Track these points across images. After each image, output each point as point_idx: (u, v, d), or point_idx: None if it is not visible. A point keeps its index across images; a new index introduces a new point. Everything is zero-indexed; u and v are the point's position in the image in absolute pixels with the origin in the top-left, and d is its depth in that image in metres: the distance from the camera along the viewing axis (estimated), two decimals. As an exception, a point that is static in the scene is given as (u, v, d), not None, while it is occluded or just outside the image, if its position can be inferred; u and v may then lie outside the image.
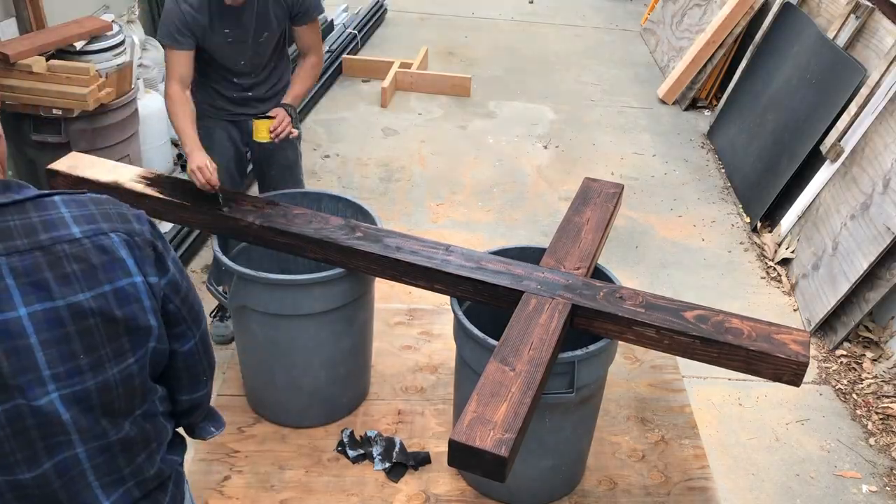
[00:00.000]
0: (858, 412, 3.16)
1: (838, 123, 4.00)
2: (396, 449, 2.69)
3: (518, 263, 2.36)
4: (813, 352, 3.49)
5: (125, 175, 2.77)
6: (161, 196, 2.65)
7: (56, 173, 2.74)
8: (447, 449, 1.78)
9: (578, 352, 2.15)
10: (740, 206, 4.68)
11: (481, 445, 1.73)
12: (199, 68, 2.92)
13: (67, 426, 1.16)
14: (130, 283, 1.18)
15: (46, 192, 1.17)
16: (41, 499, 1.19)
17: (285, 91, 3.02)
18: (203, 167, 2.58)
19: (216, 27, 2.80)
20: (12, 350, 1.08)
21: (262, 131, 2.82)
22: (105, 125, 3.58)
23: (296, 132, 2.85)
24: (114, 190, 2.71)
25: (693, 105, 6.08)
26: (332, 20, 6.78)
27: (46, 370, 1.11)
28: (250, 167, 3.57)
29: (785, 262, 4.08)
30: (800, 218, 4.13)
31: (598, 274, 2.50)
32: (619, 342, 2.29)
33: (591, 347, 2.17)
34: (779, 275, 4.02)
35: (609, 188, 2.87)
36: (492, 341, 2.13)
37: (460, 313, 2.28)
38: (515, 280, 2.27)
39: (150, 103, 4.21)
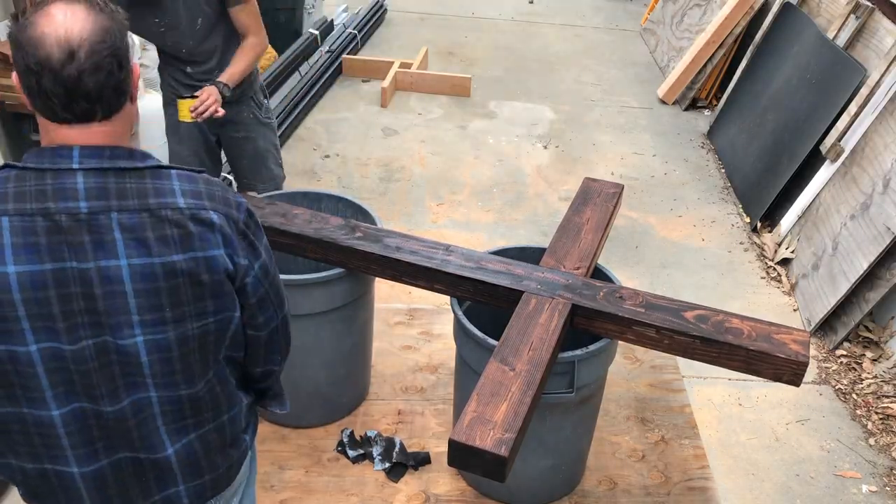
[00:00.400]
0: (858, 412, 3.16)
1: (838, 123, 4.00)
2: (396, 449, 2.69)
3: (518, 263, 2.35)
4: (813, 352, 3.49)
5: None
6: None
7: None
8: (447, 449, 1.78)
9: (578, 351, 2.15)
10: (740, 206, 4.68)
11: (481, 445, 1.73)
12: (160, 57, 2.95)
13: (144, 368, 1.30)
14: (220, 254, 1.31)
15: (167, 164, 1.31)
16: (118, 432, 1.34)
17: (246, 79, 2.95)
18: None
19: (144, 15, 2.71)
20: (110, 293, 1.23)
21: (183, 111, 2.74)
22: (105, 125, 3.58)
23: (221, 112, 2.72)
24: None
25: (693, 105, 6.08)
26: (332, 20, 6.78)
27: (136, 315, 1.25)
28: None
29: (785, 262, 4.08)
30: (800, 218, 4.13)
31: (598, 274, 2.50)
32: (619, 342, 2.29)
33: (591, 347, 2.17)
34: (779, 275, 4.02)
35: (609, 188, 2.87)
36: (492, 341, 2.13)
37: (460, 313, 2.28)
38: (515, 280, 2.27)
39: (149, 103, 4.21)
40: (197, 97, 2.73)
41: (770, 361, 2.04)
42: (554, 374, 2.14)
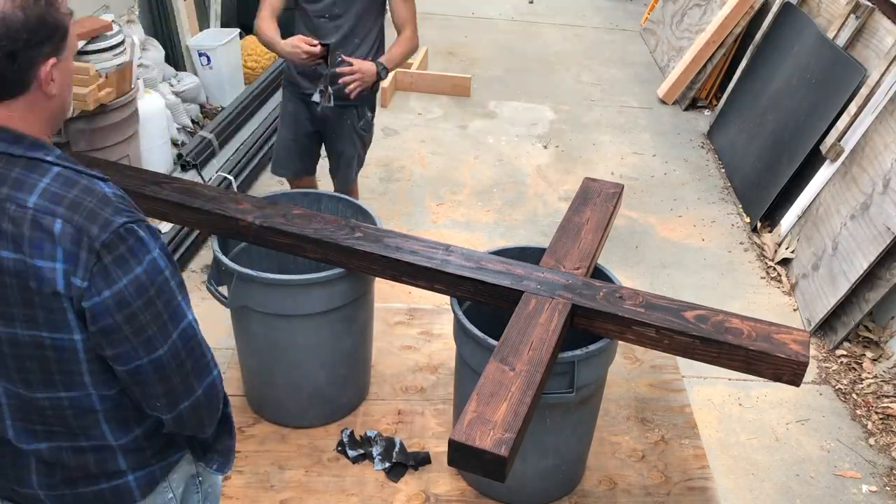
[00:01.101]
0: (858, 412, 3.16)
1: (838, 123, 3.99)
2: (396, 449, 2.69)
3: (518, 263, 2.35)
4: (813, 352, 3.49)
5: (127, 174, 2.77)
6: (161, 197, 2.65)
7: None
8: (447, 449, 1.78)
9: (578, 351, 2.15)
10: (740, 206, 4.68)
11: (481, 445, 1.73)
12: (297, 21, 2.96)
13: None
14: (52, 268, 1.20)
15: (63, 162, 1.23)
16: None
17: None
18: (298, 43, 2.66)
19: None
20: None
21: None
22: (105, 125, 3.58)
23: (356, 92, 2.72)
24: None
25: (693, 105, 6.08)
26: (332, 20, 6.77)
27: None
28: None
29: (785, 262, 4.08)
30: (800, 218, 4.12)
31: (598, 274, 2.50)
32: (619, 342, 2.29)
33: (591, 347, 2.17)
34: (779, 275, 4.02)
35: (609, 188, 2.87)
36: (492, 341, 2.13)
37: (460, 313, 2.28)
38: (515, 280, 2.27)
39: (150, 103, 4.21)
40: (346, 61, 2.69)
41: (770, 361, 2.04)
42: (554, 374, 2.14)
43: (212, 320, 3.41)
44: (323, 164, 4.84)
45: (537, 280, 2.27)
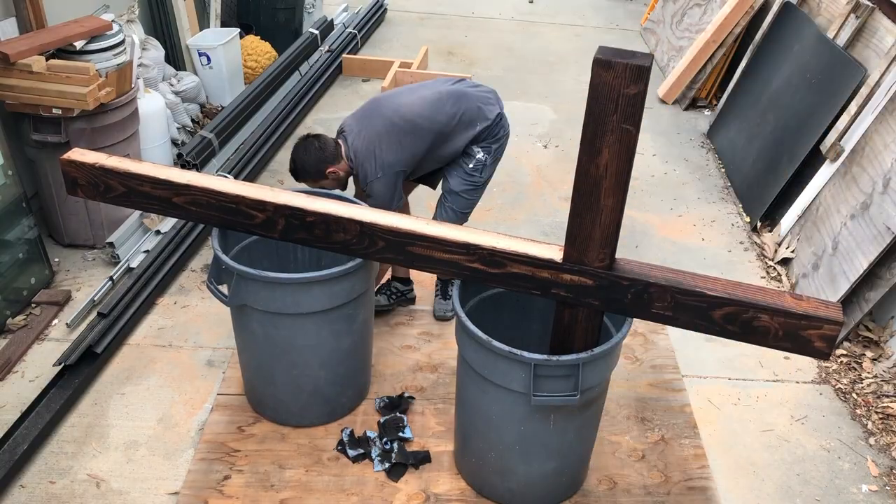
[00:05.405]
0: (858, 412, 3.16)
1: (838, 123, 3.99)
2: (396, 449, 2.69)
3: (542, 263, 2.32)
4: (813, 351, 3.49)
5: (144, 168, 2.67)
6: (173, 179, 2.45)
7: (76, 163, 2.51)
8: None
9: (583, 354, 2.15)
10: (740, 205, 4.68)
11: None
12: None
13: None
14: None
15: None
16: None
17: None
18: None
19: None
20: None
21: None
22: (105, 124, 3.58)
23: None
24: (133, 177, 2.49)
25: (693, 105, 6.08)
26: (331, 20, 6.78)
27: None
28: None
29: (785, 261, 4.07)
30: (800, 217, 4.12)
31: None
32: (622, 343, 2.29)
33: (596, 350, 2.17)
34: (779, 274, 4.02)
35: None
36: (495, 343, 2.13)
37: (462, 314, 2.27)
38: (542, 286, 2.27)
39: (149, 102, 4.20)
40: None
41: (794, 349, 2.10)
42: (558, 377, 2.14)
43: (212, 319, 3.42)
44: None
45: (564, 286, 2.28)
